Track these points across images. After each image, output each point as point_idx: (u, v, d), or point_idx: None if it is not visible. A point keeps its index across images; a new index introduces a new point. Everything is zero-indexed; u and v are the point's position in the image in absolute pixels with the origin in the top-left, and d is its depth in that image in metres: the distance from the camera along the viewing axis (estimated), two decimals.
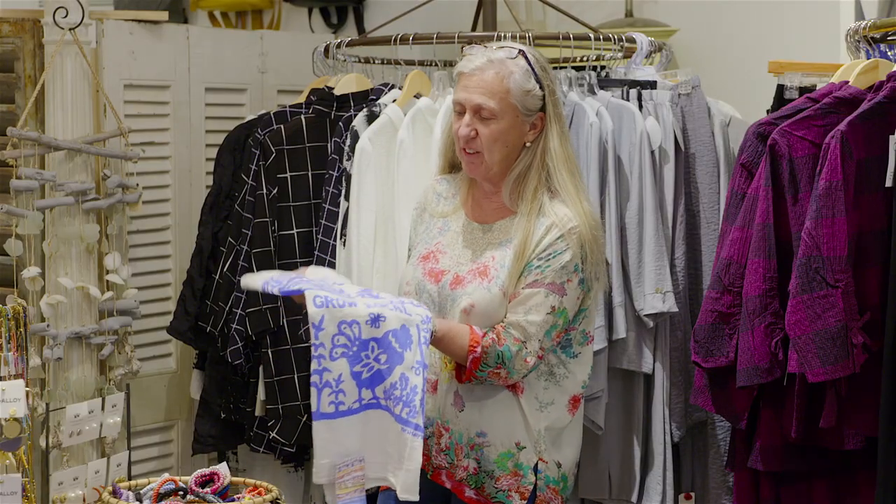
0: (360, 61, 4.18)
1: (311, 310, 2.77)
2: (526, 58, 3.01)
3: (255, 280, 2.97)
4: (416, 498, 2.83)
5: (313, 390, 2.74)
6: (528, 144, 3.03)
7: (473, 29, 4.40)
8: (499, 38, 3.74)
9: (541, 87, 3.01)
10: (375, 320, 2.79)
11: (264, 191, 3.88)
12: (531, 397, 3.02)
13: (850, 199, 3.03)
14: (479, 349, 2.93)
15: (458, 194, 3.14)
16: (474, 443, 3.00)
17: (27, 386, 3.27)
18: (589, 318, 3.07)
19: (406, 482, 2.82)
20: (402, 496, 2.84)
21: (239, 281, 3.89)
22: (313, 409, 2.75)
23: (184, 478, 3.19)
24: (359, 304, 2.80)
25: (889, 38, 3.44)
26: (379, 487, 3.18)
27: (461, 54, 3.08)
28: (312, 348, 2.75)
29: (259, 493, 3.13)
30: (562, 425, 3.06)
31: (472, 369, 2.95)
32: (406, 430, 2.81)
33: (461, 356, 2.95)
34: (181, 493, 3.11)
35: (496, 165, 3.01)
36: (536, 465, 3.02)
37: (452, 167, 3.20)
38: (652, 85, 3.80)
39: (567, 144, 3.06)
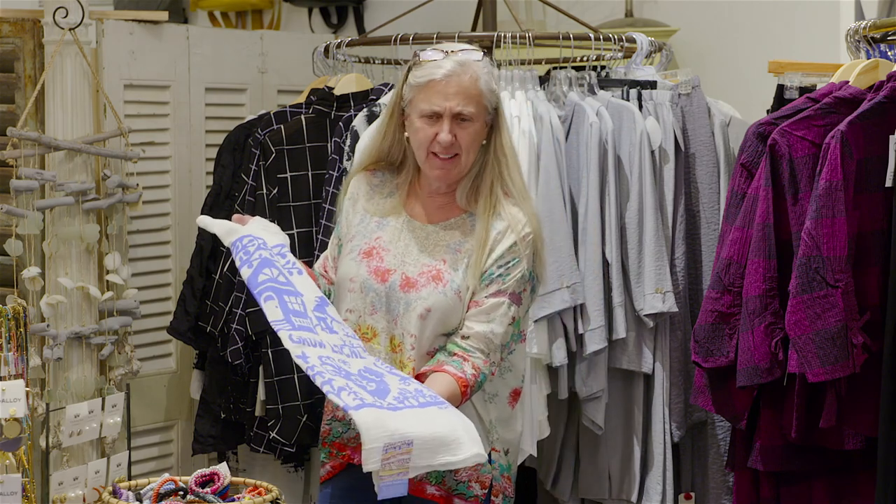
0: (360, 61, 4.18)
1: (289, 345, 2.74)
2: (485, 55, 3.03)
3: (220, 231, 2.96)
4: (485, 456, 2.76)
5: (332, 397, 2.67)
6: (483, 143, 3.04)
7: (473, 29, 4.40)
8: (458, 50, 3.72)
9: (496, 87, 3.03)
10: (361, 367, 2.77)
11: (264, 191, 3.88)
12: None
13: (850, 199, 3.03)
14: (468, 391, 2.93)
15: (395, 193, 3.12)
16: None
17: (27, 386, 3.27)
18: (525, 317, 3.07)
19: (476, 442, 2.73)
20: (482, 451, 2.74)
21: (239, 281, 3.89)
22: (342, 405, 2.66)
23: (184, 478, 3.19)
24: (326, 344, 2.76)
25: (889, 38, 3.45)
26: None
27: (415, 60, 3.04)
28: (306, 370, 2.71)
29: (259, 493, 3.13)
30: (506, 416, 3.07)
31: (462, 404, 2.94)
32: (442, 406, 2.75)
33: (457, 405, 2.91)
34: (181, 493, 3.11)
35: (467, 168, 3.02)
36: (490, 455, 3.03)
37: (378, 164, 3.18)
38: (652, 85, 3.80)
39: (511, 139, 3.07)
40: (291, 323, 2.79)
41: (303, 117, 3.96)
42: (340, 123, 3.85)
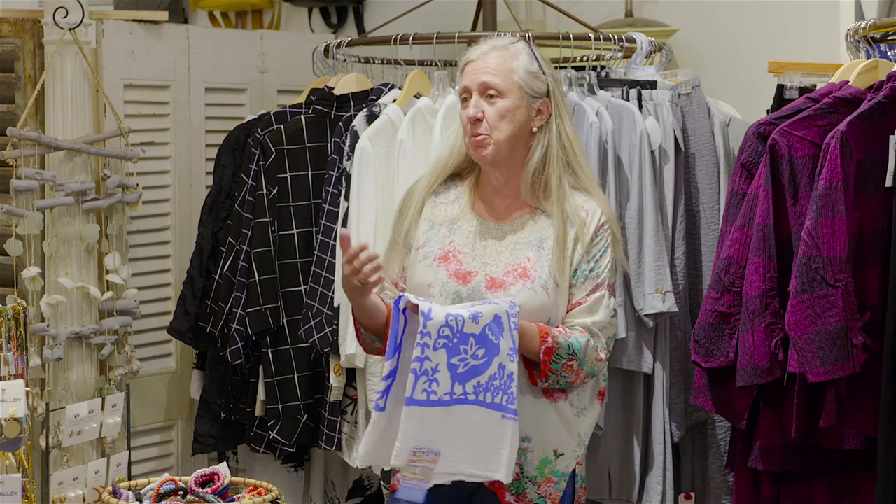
0: (360, 61, 4.19)
1: (421, 302, 2.84)
2: (528, 44, 3.08)
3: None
4: (508, 480, 2.88)
5: (411, 376, 2.80)
6: (535, 130, 3.04)
7: (473, 29, 4.40)
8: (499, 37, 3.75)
9: (544, 73, 3.04)
10: (475, 317, 2.85)
11: (264, 191, 3.88)
12: (568, 404, 3.04)
13: (850, 198, 3.03)
14: (549, 339, 2.93)
15: (460, 197, 3.13)
16: (519, 447, 2.97)
17: (27, 386, 3.27)
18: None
19: (508, 468, 2.86)
20: (506, 479, 2.87)
21: (239, 281, 3.89)
22: (407, 394, 2.80)
23: (184, 478, 3.20)
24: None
25: (889, 38, 3.45)
26: (389, 488, 3.18)
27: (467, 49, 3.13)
28: (418, 336, 2.80)
29: (259, 493, 3.14)
30: (595, 421, 3.11)
31: (546, 360, 2.93)
32: (506, 416, 2.85)
33: (534, 350, 2.94)
34: (181, 493, 3.12)
35: (503, 147, 3.01)
36: (574, 470, 3.05)
37: (448, 177, 3.19)
38: (652, 85, 3.80)
39: (572, 129, 3.09)
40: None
41: (303, 117, 3.96)
42: (340, 123, 3.85)
